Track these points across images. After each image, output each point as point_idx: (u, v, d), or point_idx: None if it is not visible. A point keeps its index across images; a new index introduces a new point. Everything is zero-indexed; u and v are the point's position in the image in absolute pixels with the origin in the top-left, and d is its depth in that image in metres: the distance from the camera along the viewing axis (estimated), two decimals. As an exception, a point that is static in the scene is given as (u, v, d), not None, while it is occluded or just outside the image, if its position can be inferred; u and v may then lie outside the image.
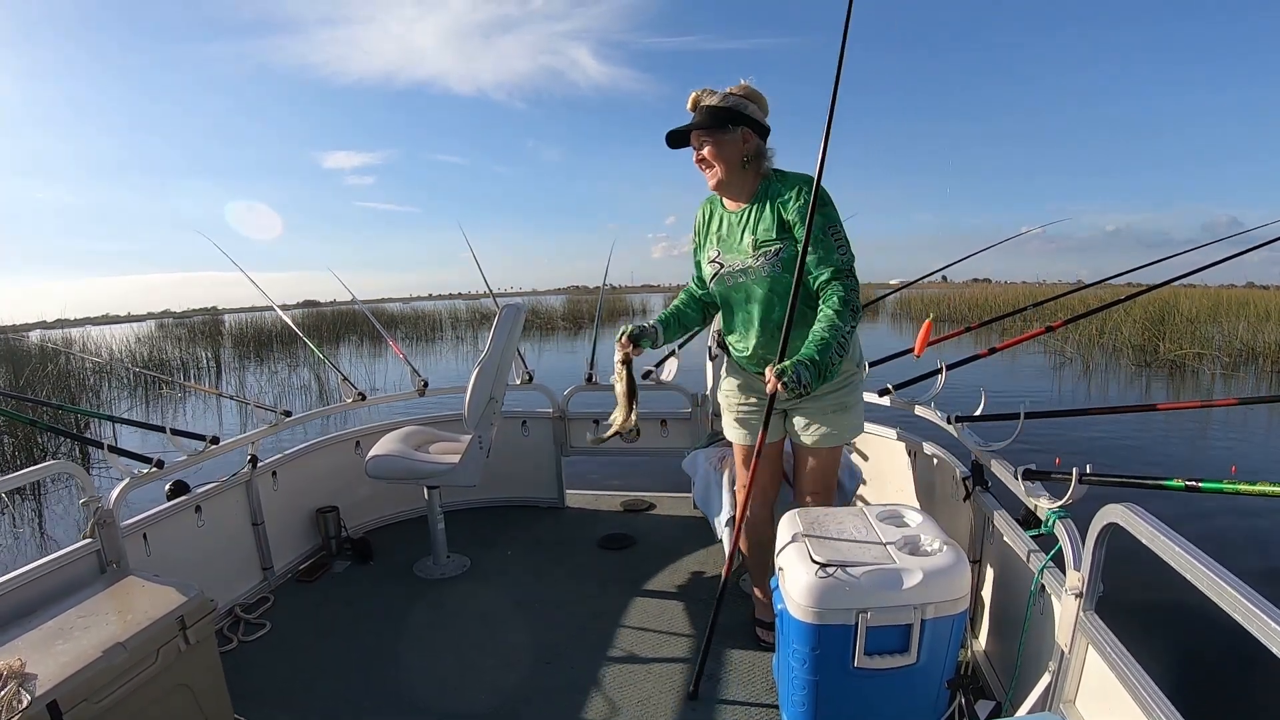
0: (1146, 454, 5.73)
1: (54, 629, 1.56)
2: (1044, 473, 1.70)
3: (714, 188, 1.89)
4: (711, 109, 1.81)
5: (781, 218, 1.82)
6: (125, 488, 2.04)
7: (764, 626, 2.22)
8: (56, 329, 20.20)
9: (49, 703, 1.34)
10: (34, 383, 9.15)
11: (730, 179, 1.86)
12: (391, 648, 2.27)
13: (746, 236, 1.86)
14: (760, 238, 1.84)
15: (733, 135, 1.82)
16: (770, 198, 1.85)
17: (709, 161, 1.84)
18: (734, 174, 1.85)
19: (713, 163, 1.83)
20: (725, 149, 1.82)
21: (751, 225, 1.86)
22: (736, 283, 1.90)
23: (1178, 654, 2.32)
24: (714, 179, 1.86)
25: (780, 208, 1.82)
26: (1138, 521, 1.25)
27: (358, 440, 3.21)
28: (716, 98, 1.82)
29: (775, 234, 1.82)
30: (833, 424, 1.94)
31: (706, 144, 1.83)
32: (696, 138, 1.85)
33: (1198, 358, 10.51)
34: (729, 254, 1.91)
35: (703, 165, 1.86)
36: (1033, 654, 1.62)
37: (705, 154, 1.84)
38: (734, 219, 1.91)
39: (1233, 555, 3.33)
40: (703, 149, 1.84)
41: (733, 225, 1.91)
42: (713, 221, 1.98)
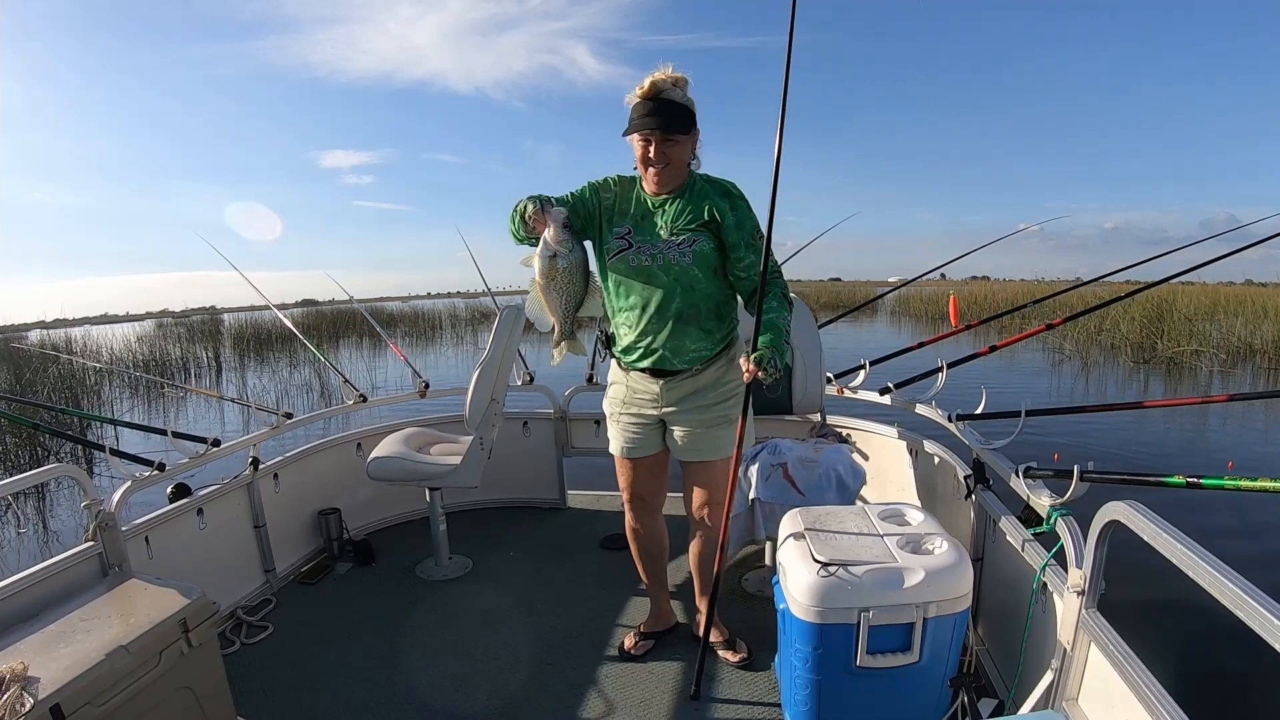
0: (1146, 450, 5.74)
1: (56, 632, 1.56)
2: (1045, 470, 1.70)
3: (657, 183, 1.81)
4: (681, 111, 1.74)
5: (709, 216, 1.80)
6: (127, 491, 2.04)
7: (645, 638, 2.24)
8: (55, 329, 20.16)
9: (52, 706, 1.33)
10: (35, 385, 9.14)
11: (677, 177, 1.82)
12: (393, 649, 2.27)
13: (663, 223, 1.82)
14: (679, 225, 1.81)
15: (690, 137, 1.78)
16: (696, 194, 1.82)
17: (665, 160, 1.77)
18: (680, 173, 1.82)
19: (668, 162, 1.77)
20: (683, 150, 1.79)
21: (673, 215, 1.82)
22: (640, 265, 1.83)
23: (1180, 651, 2.32)
24: (662, 177, 1.79)
25: (712, 208, 1.79)
26: (1139, 519, 1.25)
27: (359, 442, 3.21)
28: (678, 95, 1.75)
29: (695, 227, 1.80)
30: (714, 438, 1.94)
31: (672, 145, 1.76)
32: (662, 136, 1.74)
33: (1195, 355, 10.53)
34: (640, 235, 1.84)
35: (655, 161, 1.76)
36: (1035, 652, 1.63)
37: (669, 154, 1.76)
38: (653, 204, 1.85)
39: (1233, 551, 3.34)
40: (666, 148, 1.75)
41: (650, 210, 1.85)
42: (629, 201, 1.87)
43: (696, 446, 1.96)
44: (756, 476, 2.29)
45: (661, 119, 1.72)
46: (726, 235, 1.82)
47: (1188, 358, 10.49)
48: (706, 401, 1.91)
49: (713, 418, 1.92)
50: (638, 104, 1.74)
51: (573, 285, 1.74)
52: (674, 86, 1.74)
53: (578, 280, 1.74)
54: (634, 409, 1.99)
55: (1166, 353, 10.81)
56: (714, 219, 1.81)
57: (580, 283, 1.75)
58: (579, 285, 1.75)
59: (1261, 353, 10.43)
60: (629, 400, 1.99)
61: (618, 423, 2.03)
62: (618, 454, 2.06)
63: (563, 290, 1.73)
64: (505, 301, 3.16)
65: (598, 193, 1.90)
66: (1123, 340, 11.77)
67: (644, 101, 1.73)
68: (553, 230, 1.67)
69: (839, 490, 2.24)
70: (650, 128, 1.72)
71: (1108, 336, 12.11)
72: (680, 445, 1.98)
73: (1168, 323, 11.93)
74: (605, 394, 2.09)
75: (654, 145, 1.74)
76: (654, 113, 1.72)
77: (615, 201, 1.89)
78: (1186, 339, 11.11)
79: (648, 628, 2.27)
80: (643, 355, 1.90)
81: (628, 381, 1.98)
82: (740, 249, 1.83)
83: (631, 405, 1.99)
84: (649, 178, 1.81)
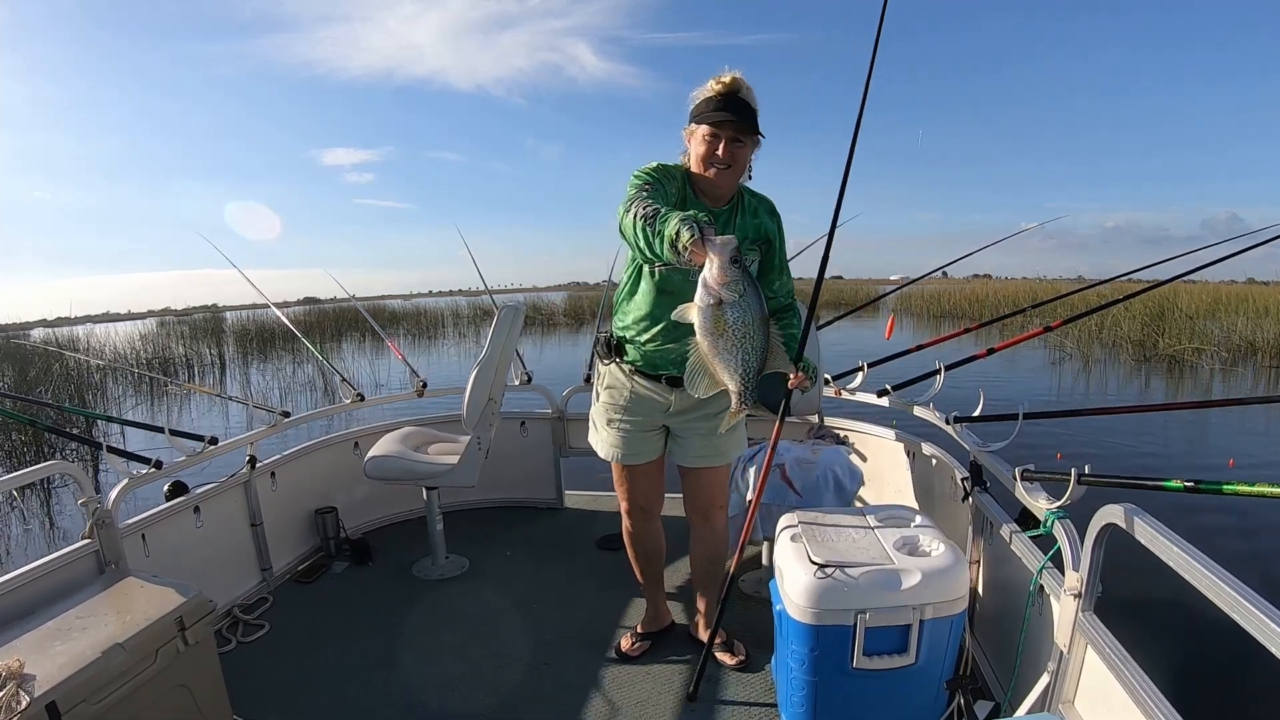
0: (1146, 448, 5.74)
1: (53, 629, 1.56)
2: (1043, 473, 1.70)
3: (716, 185, 1.71)
4: (753, 111, 1.65)
5: (760, 232, 1.79)
6: (123, 488, 2.04)
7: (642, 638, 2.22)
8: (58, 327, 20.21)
9: (48, 703, 1.33)
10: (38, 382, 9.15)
11: (734, 185, 1.75)
12: (390, 648, 2.27)
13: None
14: (743, 245, 1.73)
15: (756, 143, 1.72)
16: (745, 209, 1.79)
17: (730, 161, 1.67)
18: (738, 180, 1.75)
19: (732, 164, 1.68)
20: (747, 156, 1.72)
21: (734, 229, 1.77)
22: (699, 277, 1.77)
23: (1176, 654, 2.32)
24: (722, 180, 1.70)
25: (764, 227, 1.79)
26: (1136, 522, 1.25)
27: (356, 441, 3.21)
28: (753, 99, 1.67)
29: (754, 244, 1.79)
30: (722, 443, 1.93)
31: (740, 147, 1.67)
32: (735, 135, 1.64)
33: (1196, 353, 10.53)
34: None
35: (722, 163, 1.66)
36: (1031, 654, 1.62)
37: (737, 156, 1.67)
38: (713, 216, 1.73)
39: (1229, 551, 3.33)
40: (735, 149, 1.66)
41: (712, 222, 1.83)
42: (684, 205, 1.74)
43: (705, 453, 1.94)
44: (754, 477, 2.28)
45: (739, 116, 1.62)
46: (772, 257, 1.81)
47: (1189, 356, 10.48)
48: (715, 409, 1.86)
49: (719, 423, 1.87)
50: (712, 98, 1.65)
51: (750, 339, 1.32)
52: (749, 91, 1.66)
53: (756, 332, 1.31)
54: (638, 415, 1.92)
55: (1168, 351, 10.80)
56: (767, 239, 1.79)
57: (760, 334, 1.32)
58: (759, 337, 1.32)
59: (1263, 351, 10.42)
60: (631, 407, 1.91)
61: (616, 429, 1.94)
62: (615, 460, 1.98)
63: (737, 347, 1.31)
64: (503, 300, 3.16)
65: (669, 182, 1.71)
66: (1124, 338, 11.77)
67: (721, 96, 1.63)
68: (717, 268, 1.26)
69: (836, 492, 2.24)
70: (725, 122, 1.62)
71: (1109, 334, 12.10)
72: (687, 452, 1.96)
73: (1169, 321, 11.93)
74: (597, 396, 1.99)
75: (724, 143, 1.65)
76: (732, 109, 1.62)
77: (679, 199, 1.73)
78: (1188, 337, 11.11)
79: (645, 628, 2.26)
80: (669, 363, 1.83)
81: (632, 387, 1.90)
82: (777, 270, 1.84)
83: (635, 411, 1.92)
84: (708, 178, 1.70)
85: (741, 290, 1.27)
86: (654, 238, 1.38)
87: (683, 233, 1.29)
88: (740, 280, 1.27)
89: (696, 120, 1.68)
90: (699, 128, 1.67)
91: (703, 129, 1.66)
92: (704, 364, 1.35)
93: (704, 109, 1.66)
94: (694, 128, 1.69)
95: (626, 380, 1.90)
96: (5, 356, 11.16)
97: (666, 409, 1.90)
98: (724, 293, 1.25)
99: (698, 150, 1.69)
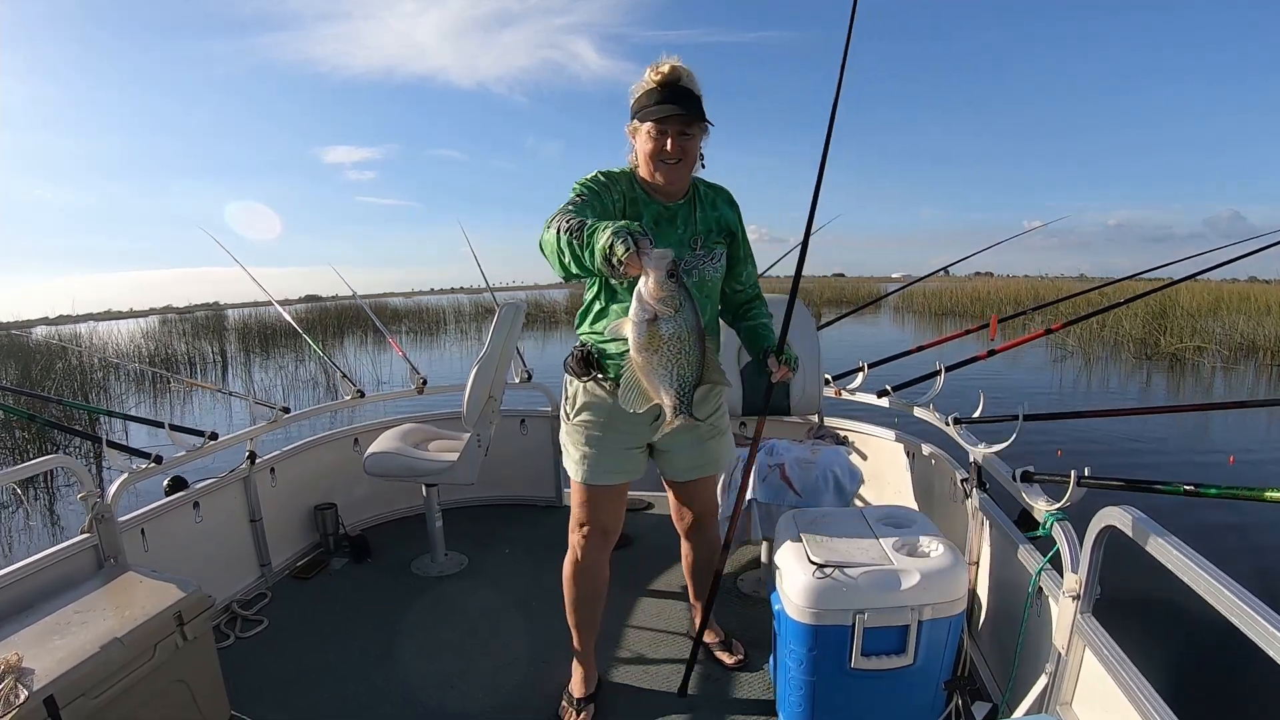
0: (1147, 446, 5.74)
1: (51, 624, 1.56)
2: (1042, 475, 1.70)
3: (667, 181, 1.60)
4: (699, 102, 1.56)
5: (722, 224, 1.72)
6: (123, 483, 2.04)
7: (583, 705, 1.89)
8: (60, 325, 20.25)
9: (46, 698, 1.34)
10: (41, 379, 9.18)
11: (687, 177, 1.64)
12: (389, 645, 2.27)
13: (689, 231, 1.67)
14: (707, 237, 1.69)
15: (704, 131, 1.61)
16: (703, 202, 1.71)
17: (680, 155, 1.57)
18: (690, 172, 1.65)
19: (683, 157, 1.58)
20: (697, 146, 1.62)
21: (694, 223, 1.68)
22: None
23: (1174, 656, 2.32)
24: (673, 175, 1.60)
25: (725, 218, 1.72)
26: (1135, 524, 1.25)
27: (356, 437, 3.21)
28: (696, 85, 1.56)
29: (719, 236, 1.72)
30: (711, 451, 1.84)
31: (689, 139, 1.57)
32: (682, 125, 1.55)
33: (1198, 351, 10.51)
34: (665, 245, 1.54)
35: (671, 158, 1.56)
36: (1030, 656, 1.62)
37: (686, 148, 1.57)
38: (669, 212, 1.66)
39: (1228, 551, 3.33)
40: (684, 141, 1.56)
41: (670, 218, 1.66)
42: (638, 204, 1.64)
43: (696, 464, 1.86)
44: (754, 477, 2.28)
45: (684, 106, 1.52)
46: (736, 248, 1.75)
47: (1190, 354, 10.47)
48: (701, 414, 1.75)
49: (706, 431, 1.82)
50: (652, 90, 1.54)
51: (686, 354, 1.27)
52: (689, 76, 1.56)
53: (692, 347, 1.27)
54: (622, 432, 1.74)
55: (1169, 349, 10.79)
56: (730, 230, 1.73)
57: (696, 348, 1.27)
58: (694, 351, 1.27)
59: (1264, 350, 10.40)
60: (612, 424, 1.73)
61: (594, 447, 1.74)
62: (589, 481, 1.76)
63: (672, 362, 1.26)
64: (505, 298, 3.15)
65: (606, 192, 1.60)
66: (1126, 337, 11.76)
67: (661, 87, 1.53)
68: (653, 282, 1.20)
69: (836, 492, 2.24)
70: (669, 115, 1.52)
71: (1110, 333, 12.10)
72: (677, 465, 1.86)
73: (1171, 319, 11.93)
74: (569, 417, 1.77)
75: (671, 138, 1.54)
76: (675, 99, 1.52)
77: (624, 204, 1.64)
78: (1189, 335, 11.10)
79: (585, 690, 1.94)
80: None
81: (613, 404, 1.68)
82: (743, 261, 1.78)
83: (619, 429, 1.73)
84: (659, 175, 1.60)
85: (678, 305, 1.22)
86: (582, 251, 1.29)
87: (617, 246, 1.21)
88: (677, 294, 1.21)
89: (639, 117, 1.57)
90: (642, 125, 1.56)
91: (647, 125, 1.55)
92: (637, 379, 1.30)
93: (645, 103, 1.55)
94: (637, 125, 1.59)
95: (608, 396, 1.70)
96: (9, 353, 11.19)
97: (653, 422, 1.70)
98: (659, 308, 1.21)
99: (644, 148, 1.58)
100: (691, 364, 1.27)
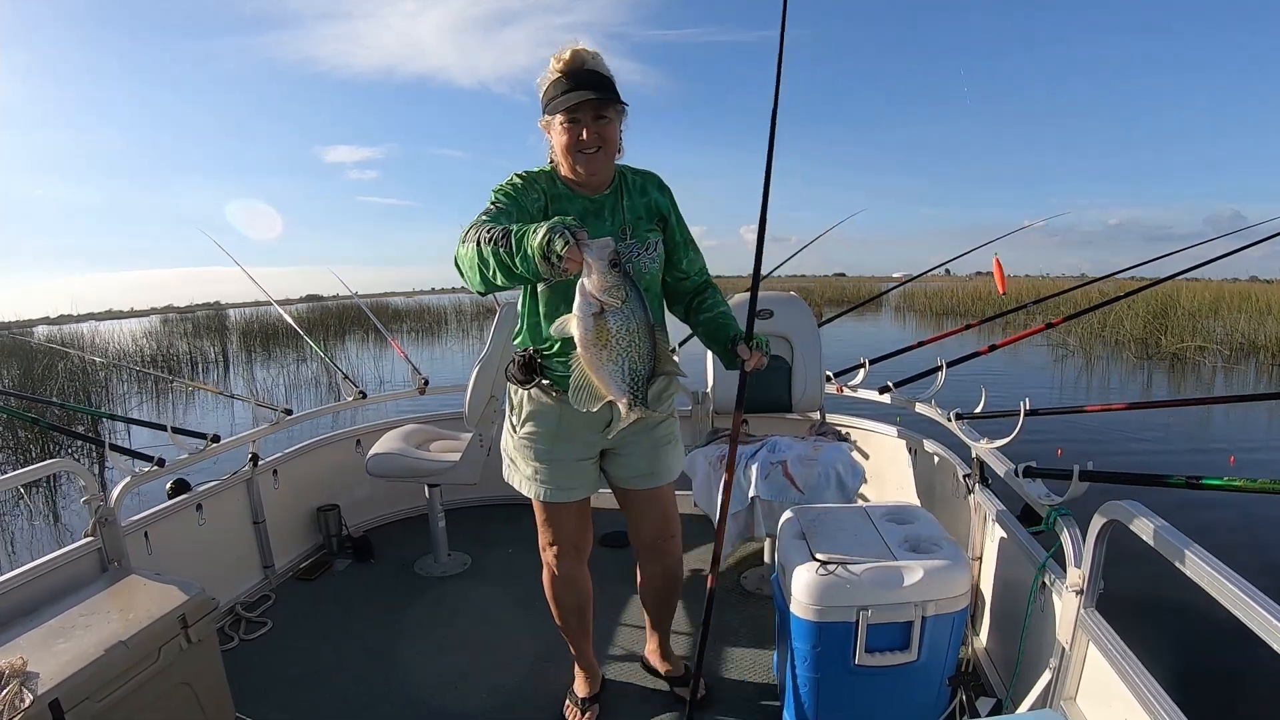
0: (1149, 444, 5.73)
1: (55, 627, 1.56)
2: (1044, 470, 1.70)
3: (589, 172, 1.51)
4: (608, 80, 1.47)
5: (653, 209, 1.61)
6: (126, 486, 2.05)
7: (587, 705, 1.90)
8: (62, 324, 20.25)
9: (50, 701, 1.34)
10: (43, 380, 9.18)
11: (610, 166, 1.55)
12: (392, 646, 2.27)
13: (617, 223, 1.57)
14: (637, 226, 1.58)
15: (621, 114, 1.52)
16: (631, 189, 1.61)
17: (599, 142, 1.48)
18: (612, 160, 1.55)
19: (602, 144, 1.48)
20: (615, 131, 1.51)
21: (623, 212, 1.58)
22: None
23: (1178, 651, 2.32)
24: (595, 164, 1.50)
25: (656, 201, 1.62)
26: (1138, 519, 1.25)
27: (358, 439, 3.21)
28: (603, 67, 1.48)
29: (651, 223, 1.61)
30: (664, 458, 1.73)
31: (606, 124, 1.48)
32: (596, 110, 1.46)
33: (1199, 351, 10.51)
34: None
35: (589, 146, 1.47)
36: (1033, 651, 1.62)
37: (605, 134, 1.48)
38: (595, 205, 1.57)
39: (1231, 547, 3.33)
40: (600, 127, 1.47)
41: (597, 211, 1.57)
42: (559, 199, 1.55)
43: (648, 470, 1.73)
44: (756, 474, 2.28)
45: (595, 90, 1.43)
46: (670, 233, 1.65)
47: (1191, 353, 10.47)
48: (654, 419, 1.67)
49: (661, 436, 1.71)
50: (557, 80, 1.46)
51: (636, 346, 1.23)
52: (595, 58, 1.47)
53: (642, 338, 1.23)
54: (571, 441, 1.65)
55: (1170, 348, 10.79)
56: (662, 215, 1.63)
57: (646, 339, 1.24)
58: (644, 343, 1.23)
59: (1265, 349, 10.41)
60: (562, 434, 1.64)
61: (546, 462, 1.65)
62: (545, 499, 1.69)
63: (623, 356, 1.22)
64: (505, 298, 3.15)
65: (524, 194, 1.51)
66: (1127, 336, 11.76)
67: (566, 75, 1.45)
68: (596, 273, 1.17)
69: (838, 488, 2.24)
70: (582, 103, 1.43)
71: (1112, 332, 12.10)
72: (628, 473, 1.74)
73: (1171, 319, 11.92)
74: (515, 429, 1.68)
75: (586, 126, 1.46)
76: (584, 84, 1.43)
77: (545, 203, 1.54)
78: (1190, 335, 11.10)
79: (589, 690, 1.95)
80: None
81: (561, 411, 1.61)
82: (683, 248, 1.67)
83: (568, 438, 1.64)
84: (579, 167, 1.50)
85: (624, 295, 1.18)
86: (513, 258, 1.20)
87: (555, 241, 1.14)
88: (622, 284, 1.17)
89: (549, 110, 1.48)
90: (554, 118, 1.47)
91: (559, 118, 1.46)
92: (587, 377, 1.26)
93: (553, 93, 1.46)
94: (549, 119, 1.50)
95: (554, 404, 1.60)
96: (10, 354, 11.18)
97: (604, 428, 1.61)
98: (605, 299, 1.17)
99: (560, 141, 1.48)
100: (643, 355, 1.23)
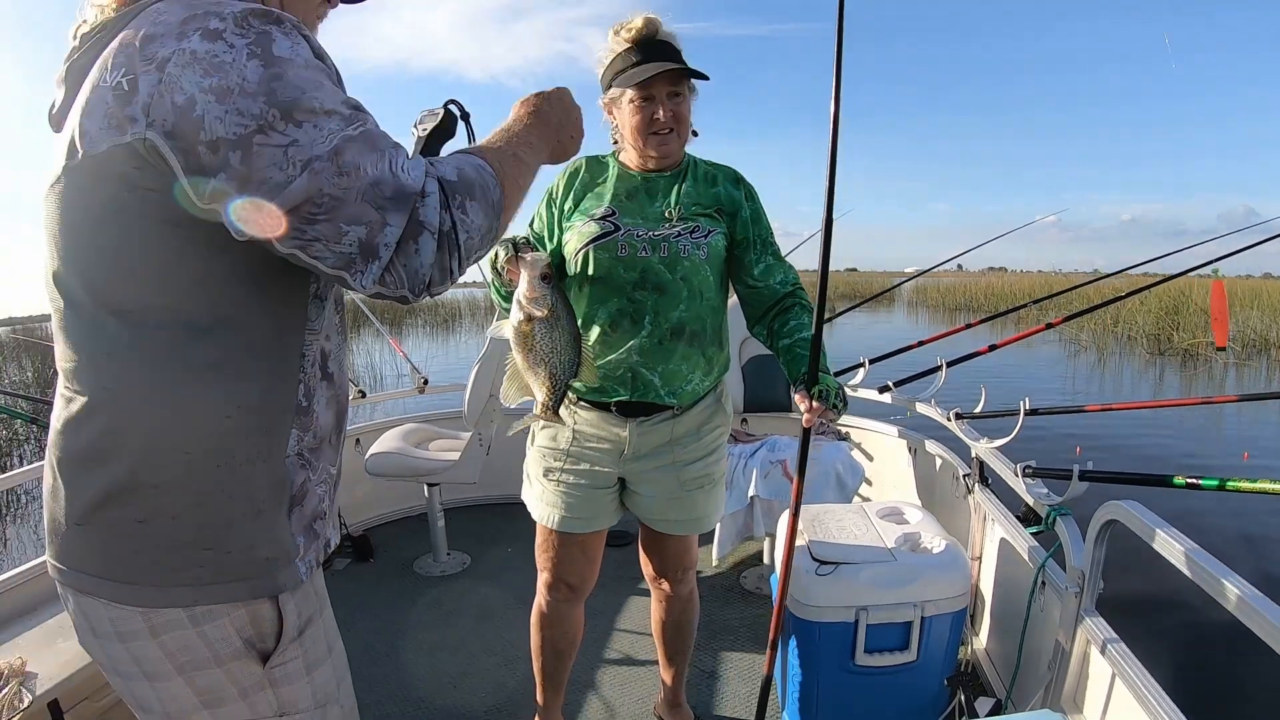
0: (1160, 443, 5.68)
1: (54, 627, 1.57)
2: (1045, 470, 1.69)
3: (659, 153, 1.37)
4: (680, 52, 1.33)
5: (718, 199, 1.41)
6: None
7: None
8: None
9: (50, 701, 1.35)
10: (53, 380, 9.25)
11: (680, 149, 1.41)
12: (391, 645, 2.28)
13: (668, 202, 1.39)
14: (689, 209, 1.39)
15: (691, 90, 1.37)
16: (698, 177, 1.43)
17: (674, 123, 1.33)
18: (683, 143, 1.41)
19: (675, 125, 1.34)
20: (688, 108, 1.36)
21: (678, 194, 1.39)
22: (633, 255, 1.34)
23: (1178, 651, 2.30)
24: (670, 145, 1.36)
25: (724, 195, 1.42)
26: (1138, 519, 1.24)
27: (357, 438, 3.21)
28: (677, 41, 1.34)
29: (711, 212, 1.40)
30: (696, 505, 1.49)
31: (679, 101, 1.33)
32: (672, 86, 1.31)
33: (1210, 347, 10.42)
34: (629, 217, 1.37)
35: (663, 127, 1.33)
36: (1033, 651, 1.61)
37: (679, 112, 1.33)
38: (646, 183, 1.40)
39: (1231, 547, 3.30)
40: (675, 104, 1.32)
41: (646, 188, 1.40)
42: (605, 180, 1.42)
43: (674, 517, 1.51)
44: (755, 473, 2.27)
45: (671, 61, 1.28)
46: (741, 230, 1.41)
47: (1203, 350, 10.38)
48: (686, 456, 1.44)
49: (693, 477, 1.46)
50: (625, 52, 1.31)
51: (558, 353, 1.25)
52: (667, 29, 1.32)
53: (565, 348, 1.25)
54: (584, 464, 1.46)
55: (1182, 345, 10.70)
56: (732, 211, 1.41)
57: (570, 350, 1.25)
58: (567, 352, 1.25)
59: (1277, 346, 10.31)
60: (576, 453, 1.46)
61: (555, 483, 1.48)
62: (550, 525, 1.52)
63: (543, 361, 1.25)
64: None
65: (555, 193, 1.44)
66: (1139, 332, 11.68)
67: (637, 45, 1.30)
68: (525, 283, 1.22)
69: (838, 488, 2.23)
70: (656, 74, 1.27)
71: (1124, 328, 12.02)
72: (653, 513, 1.52)
73: (1183, 315, 11.83)
74: (531, 441, 1.55)
75: (661, 102, 1.30)
76: (658, 55, 1.28)
77: (585, 184, 1.43)
78: (1202, 331, 11.00)
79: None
80: (615, 383, 1.38)
81: (574, 424, 1.45)
82: (755, 250, 1.42)
83: (581, 459, 1.46)
84: (651, 150, 1.35)
85: (549, 306, 1.22)
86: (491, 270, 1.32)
87: (499, 252, 1.24)
88: (548, 296, 1.21)
89: (618, 83, 1.32)
90: (624, 93, 1.32)
91: (629, 94, 1.31)
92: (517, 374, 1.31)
93: (621, 66, 1.31)
94: (615, 95, 1.34)
95: (566, 415, 1.44)
96: (25, 349, 11.23)
97: (621, 453, 1.44)
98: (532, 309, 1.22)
99: (631, 121, 1.33)
100: (564, 365, 1.26)
